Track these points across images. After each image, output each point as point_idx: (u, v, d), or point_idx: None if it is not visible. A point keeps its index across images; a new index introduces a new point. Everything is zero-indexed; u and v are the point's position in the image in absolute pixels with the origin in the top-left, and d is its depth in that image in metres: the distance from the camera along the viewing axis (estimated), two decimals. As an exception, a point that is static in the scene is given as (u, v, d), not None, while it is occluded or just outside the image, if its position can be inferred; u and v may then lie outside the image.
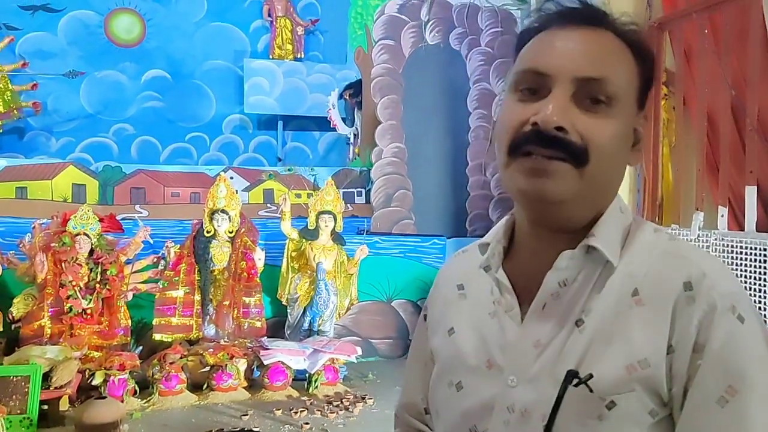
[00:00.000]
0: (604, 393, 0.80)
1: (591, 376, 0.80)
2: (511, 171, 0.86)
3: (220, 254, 5.59)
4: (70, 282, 5.05)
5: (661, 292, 0.82)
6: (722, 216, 3.89)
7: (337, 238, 5.97)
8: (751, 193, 3.69)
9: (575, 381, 0.80)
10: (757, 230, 3.71)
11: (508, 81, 0.92)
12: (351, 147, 8.21)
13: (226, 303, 5.53)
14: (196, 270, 5.58)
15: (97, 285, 5.16)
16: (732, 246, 3.66)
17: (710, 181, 4.16)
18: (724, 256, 3.65)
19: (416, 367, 1.12)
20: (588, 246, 0.87)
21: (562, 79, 0.84)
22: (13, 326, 5.03)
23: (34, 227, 5.20)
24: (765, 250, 3.51)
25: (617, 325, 0.83)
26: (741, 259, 3.55)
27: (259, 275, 5.73)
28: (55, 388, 4.40)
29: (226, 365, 5.00)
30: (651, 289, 0.83)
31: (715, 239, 3.76)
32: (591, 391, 0.80)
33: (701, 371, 0.79)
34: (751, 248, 3.57)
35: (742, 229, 3.87)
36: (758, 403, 0.78)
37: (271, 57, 8.91)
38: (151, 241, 5.49)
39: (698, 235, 3.85)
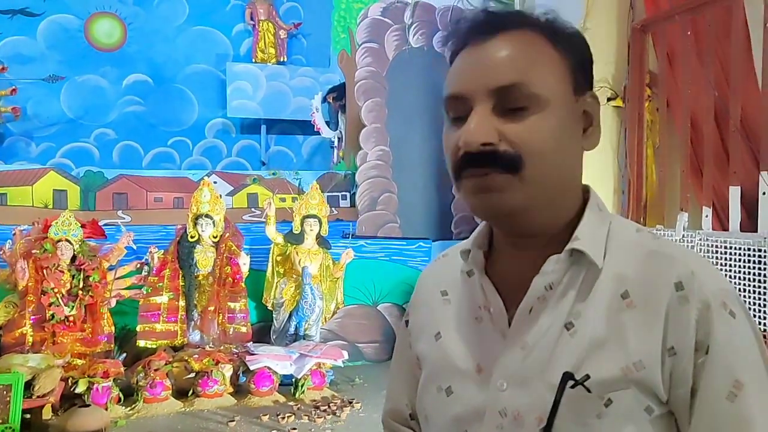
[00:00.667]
0: (601, 392, 0.80)
1: (588, 377, 0.80)
2: (462, 193, 0.88)
3: (204, 259, 5.54)
4: (52, 289, 4.97)
5: (652, 294, 0.82)
6: (706, 216, 3.93)
7: (323, 242, 5.95)
8: (734, 194, 3.74)
9: (572, 383, 0.80)
10: (741, 230, 3.75)
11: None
12: (335, 150, 8.19)
13: (211, 308, 5.48)
14: (181, 275, 5.52)
15: (80, 292, 5.08)
16: (717, 246, 3.69)
17: (694, 182, 4.20)
18: (708, 256, 3.69)
19: (399, 373, 1.12)
20: (573, 249, 0.87)
21: (479, 95, 0.83)
22: (-6, 334, 4.95)
23: (14, 234, 5.12)
24: (749, 249, 3.54)
25: (609, 328, 0.83)
26: (726, 258, 3.58)
27: (244, 280, 5.68)
28: (38, 396, 4.33)
29: (211, 371, 4.95)
30: (641, 290, 0.83)
31: (700, 239, 3.80)
32: (589, 391, 0.80)
33: (707, 370, 0.80)
34: (735, 248, 3.60)
35: (726, 230, 3.91)
36: (761, 392, 0.80)
37: (253, 61, 8.87)
38: (135, 247, 5.43)
39: (683, 236, 3.88)
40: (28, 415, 4.24)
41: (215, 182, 6.64)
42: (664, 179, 4.39)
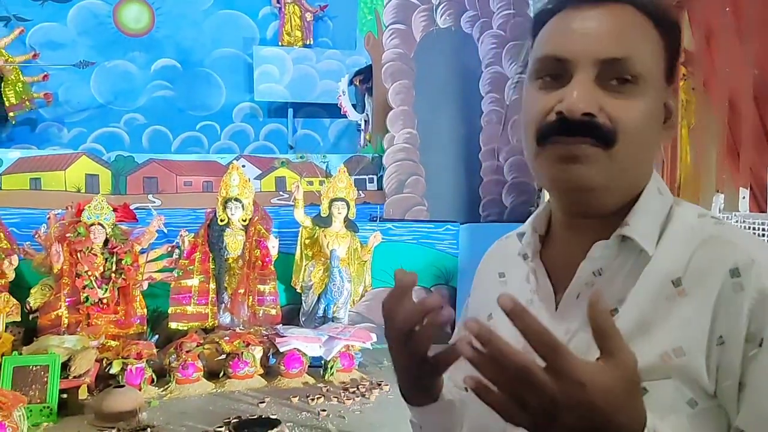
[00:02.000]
0: None
1: None
2: (541, 160, 0.85)
3: (234, 242, 5.58)
4: (86, 272, 5.07)
5: (705, 280, 0.79)
6: (743, 198, 3.84)
7: (350, 225, 5.96)
8: (773, 175, 3.64)
9: None
10: (779, 212, 3.66)
11: (528, 68, 0.89)
12: (362, 133, 8.18)
13: (241, 291, 5.53)
14: (211, 258, 5.58)
15: (113, 275, 5.17)
16: (753, 228, 3.60)
17: (730, 163, 4.10)
18: (745, 239, 3.59)
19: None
20: (622, 236, 0.84)
21: (584, 62, 0.81)
22: (30, 316, 5.07)
23: (49, 218, 5.22)
24: (787, 231, 3.46)
25: (654, 314, 0.80)
26: (763, 240, 3.50)
27: (273, 263, 5.73)
28: (74, 377, 4.42)
29: (242, 353, 5.01)
30: (695, 277, 0.80)
31: (736, 221, 3.71)
32: None
33: (760, 364, 0.75)
34: (773, 230, 3.52)
35: (764, 211, 3.81)
36: None
37: (280, 44, 8.87)
38: (165, 231, 5.50)
39: (719, 217, 3.80)
40: (64, 395, 4.33)
41: (243, 166, 6.67)
42: (699, 160, 4.30)
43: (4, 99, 7.20)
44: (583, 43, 0.82)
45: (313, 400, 4.65)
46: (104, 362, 4.69)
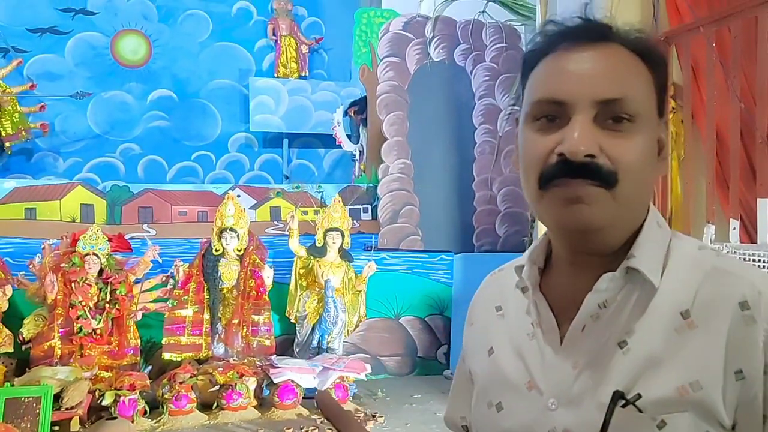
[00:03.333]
0: (654, 413, 0.78)
1: (639, 396, 0.78)
2: (545, 203, 0.85)
3: (228, 272, 5.58)
4: (80, 302, 5.05)
5: (714, 313, 0.80)
6: (734, 229, 3.88)
7: (345, 255, 5.97)
8: (763, 206, 3.69)
9: (622, 402, 0.78)
10: (769, 243, 3.70)
11: (522, 111, 0.89)
12: (356, 164, 8.24)
13: (235, 321, 5.51)
14: (205, 289, 5.58)
15: (107, 305, 5.15)
16: (744, 259, 3.64)
17: (720, 194, 4.16)
18: (736, 269, 3.62)
19: (457, 385, 1.12)
20: (628, 268, 0.85)
21: (582, 104, 0.81)
22: (23, 347, 5.04)
23: (43, 248, 5.21)
24: (777, 262, 3.49)
25: (666, 347, 0.81)
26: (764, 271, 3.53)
27: (267, 293, 5.72)
28: (66, 408, 4.38)
29: (235, 384, 4.98)
30: (703, 309, 0.81)
31: (727, 252, 3.75)
32: (641, 411, 0.78)
33: None
34: (764, 261, 3.56)
35: (754, 242, 3.86)
36: None
37: (276, 75, 8.99)
38: (160, 260, 5.50)
39: (718, 249, 3.84)
40: (56, 427, 4.30)
41: (239, 196, 6.70)
42: (689, 191, 4.35)
43: (1, 129, 7.25)
44: (580, 85, 0.82)
45: None
46: (97, 393, 4.65)
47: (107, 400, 4.59)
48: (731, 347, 0.77)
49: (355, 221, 6.77)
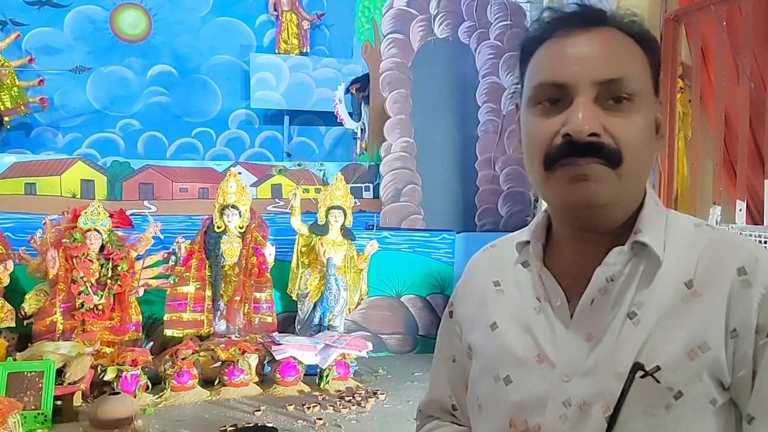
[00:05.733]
0: (672, 383, 0.82)
1: (658, 368, 0.82)
2: (551, 183, 0.88)
3: (230, 250, 5.57)
4: (82, 278, 5.04)
5: (715, 280, 0.85)
6: (740, 210, 3.87)
7: (347, 233, 5.96)
8: (769, 187, 3.68)
9: (641, 373, 0.82)
10: (776, 224, 3.70)
11: (523, 96, 0.92)
12: (358, 142, 8.18)
13: (237, 298, 5.52)
14: (207, 265, 5.57)
15: (108, 281, 5.15)
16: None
17: (727, 176, 4.14)
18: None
19: (442, 364, 1.13)
20: (635, 242, 0.88)
21: (583, 85, 0.84)
22: (25, 322, 5.05)
23: (45, 223, 5.20)
24: (783, 244, 3.48)
25: (674, 316, 0.85)
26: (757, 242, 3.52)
27: (269, 270, 5.71)
28: (69, 383, 4.39)
29: (237, 361, 4.99)
30: (705, 278, 0.85)
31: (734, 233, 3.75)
32: (658, 382, 0.82)
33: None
34: (770, 242, 3.55)
35: (759, 224, 3.85)
36: None
37: (276, 51, 8.88)
38: (162, 237, 5.49)
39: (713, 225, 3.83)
40: (59, 402, 4.30)
41: (240, 173, 6.66)
42: (696, 172, 4.33)
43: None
44: (580, 67, 0.85)
45: (308, 408, 4.64)
46: (99, 369, 4.67)
47: (109, 376, 4.61)
48: (730, 309, 0.83)
49: (356, 199, 6.74)
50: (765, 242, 3.57)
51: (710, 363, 0.82)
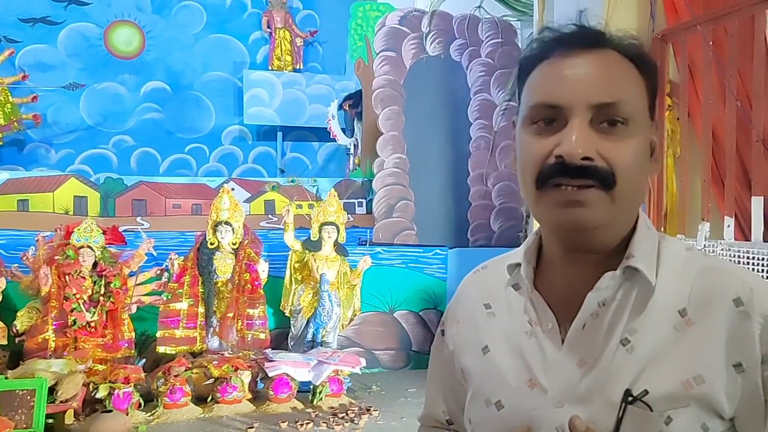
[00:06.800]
0: (662, 409, 0.81)
1: (646, 392, 0.81)
2: (543, 204, 0.87)
3: (223, 266, 5.57)
4: (74, 295, 5.02)
5: (710, 310, 0.84)
6: (728, 226, 3.92)
7: (340, 249, 5.97)
8: (757, 204, 3.72)
9: (630, 398, 0.82)
10: (764, 241, 3.74)
11: (519, 114, 0.92)
12: (351, 157, 8.23)
13: (230, 315, 5.51)
14: (200, 282, 5.56)
15: (101, 298, 5.13)
16: (739, 256, 3.68)
17: (716, 192, 4.19)
18: (731, 266, 3.65)
19: (435, 379, 1.14)
20: (627, 267, 0.88)
21: (578, 108, 0.84)
22: (17, 340, 5.01)
23: (37, 240, 5.18)
24: (771, 260, 3.53)
25: (668, 344, 0.84)
26: (748, 269, 3.57)
27: (262, 287, 5.71)
28: (61, 401, 4.36)
29: (230, 377, 4.98)
30: (699, 307, 0.85)
31: (722, 249, 3.79)
32: (651, 410, 0.81)
33: None
34: (757, 258, 3.59)
35: (748, 240, 3.89)
36: None
37: (270, 68, 8.96)
38: (155, 253, 5.48)
39: (704, 246, 3.87)
40: (51, 420, 4.28)
41: (233, 189, 6.68)
42: (684, 189, 4.38)
43: (-7, 120, 7.19)
44: (576, 89, 0.85)
45: (302, 425, 4.63)
46: (91, 386, 4.64)
47: (102, 393, 4.58)
48: (730, 342, 0.82)
49: (349, 215, 6.76)
50: (753, 258, 3.62)
51: (702, 395, 0.81)
